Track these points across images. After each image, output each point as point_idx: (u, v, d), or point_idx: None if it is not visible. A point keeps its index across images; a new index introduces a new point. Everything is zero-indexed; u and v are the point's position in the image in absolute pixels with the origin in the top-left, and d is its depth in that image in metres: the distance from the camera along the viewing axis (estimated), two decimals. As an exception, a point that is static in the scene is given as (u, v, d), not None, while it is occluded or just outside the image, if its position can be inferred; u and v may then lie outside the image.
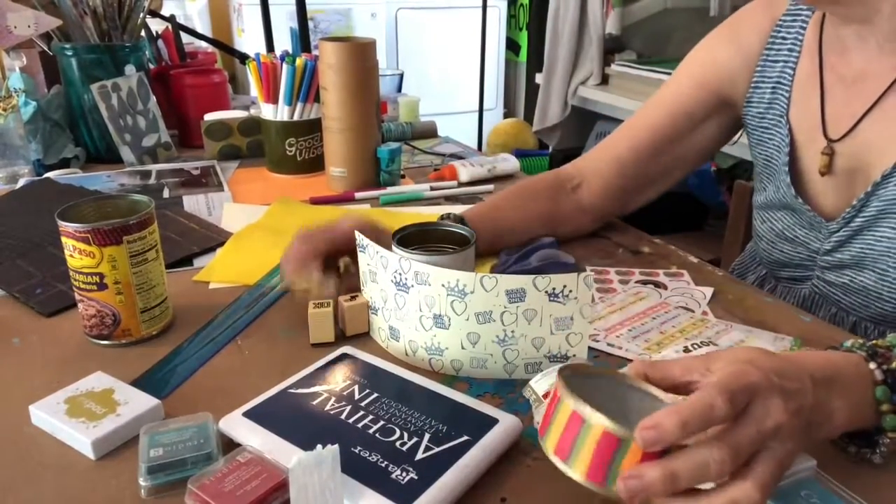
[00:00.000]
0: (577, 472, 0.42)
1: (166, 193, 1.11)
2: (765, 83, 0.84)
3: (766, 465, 0.42)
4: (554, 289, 0.60)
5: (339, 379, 0.60)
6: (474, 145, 2.80)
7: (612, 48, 2.52)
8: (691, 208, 2.44)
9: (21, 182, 1.13)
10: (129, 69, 1.25)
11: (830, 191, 0.80)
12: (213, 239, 0.92)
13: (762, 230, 0.90)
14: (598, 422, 0.41)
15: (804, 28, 0.82)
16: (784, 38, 0.83)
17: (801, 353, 0.48)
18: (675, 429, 0.40)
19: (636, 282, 0.82)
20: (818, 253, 0.82)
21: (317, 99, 1.16)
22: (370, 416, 0.55)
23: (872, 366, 0.49)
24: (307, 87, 1.16)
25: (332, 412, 0.55)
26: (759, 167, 0.90)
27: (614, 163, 0.94)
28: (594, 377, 0.48)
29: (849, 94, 0.77)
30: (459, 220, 0.81)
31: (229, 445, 0.52)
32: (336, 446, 0.47)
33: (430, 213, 0.99)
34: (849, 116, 0.77)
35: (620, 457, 0.41)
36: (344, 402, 0.56)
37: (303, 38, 1.69)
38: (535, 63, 2.97)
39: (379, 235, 0.69)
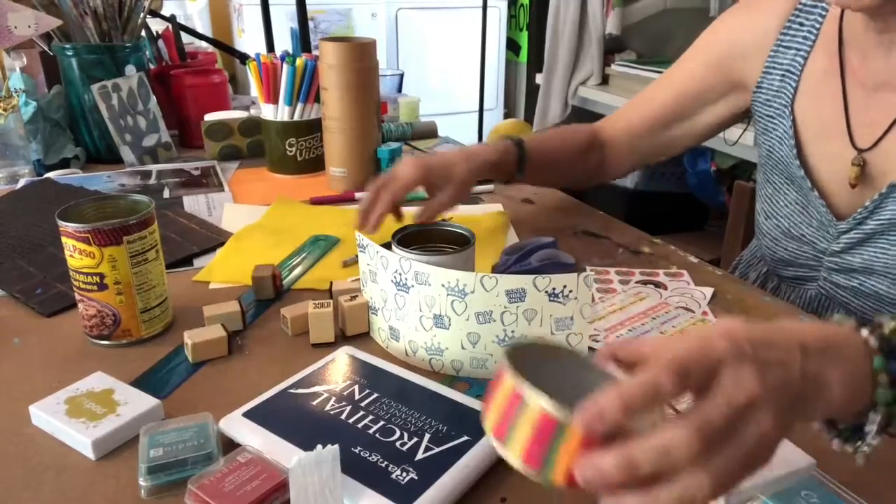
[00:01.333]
0: (513, 455, 0.38)
1: (166, 194, 1.11)
2: (775, 69, 0.83)
3: (729, 453, 0.37)
4: (554, 289, 0.60)
5: (339, 379, 0.60)
6: (474, 145, 2.79)
7: (612, 48, 2.52)
8: (691, 208, 2.44)
9: (21, 182, 1.13)
10: (130, 69, 1.25)
11: (841, 193, 0.78)
12: (213, 239, 0.92)
13: (766, 227, 0.89)
14: (536, 402, 0.37)
15: (822, 18, 0.79)
16: (801, 25, 0.81)
17: (788, 323, 0.42)
18: (615, 409, 0.36)
19: (636, 282, 0.82)
20: (825, 253, 0.81)
21: (317, 99, 1.16)
22: (370, 417, 0.55)
23: (865, 332, 0.44)
24: (307, 88, 1.16)
25: (332, 412, 0.55)
26: (763, 158, 0.88)
27: (627, 135, 1.01)
28: (557, 359, 0.44)
29: (869, 100, 0.75)
30: (519, 141, 0.92)
31: (229, 445, 0.52)
32: (336, 446, 0.48)
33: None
34: (867, 124, 0.75)
35: (559, 442, 0.37)
36: (344, 403, 0.56)
37: (303, 38, 1.68)
38: (536, 63, 2.96)
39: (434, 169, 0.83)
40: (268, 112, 1.19)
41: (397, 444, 0.52)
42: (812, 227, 0.82)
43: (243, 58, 1.57)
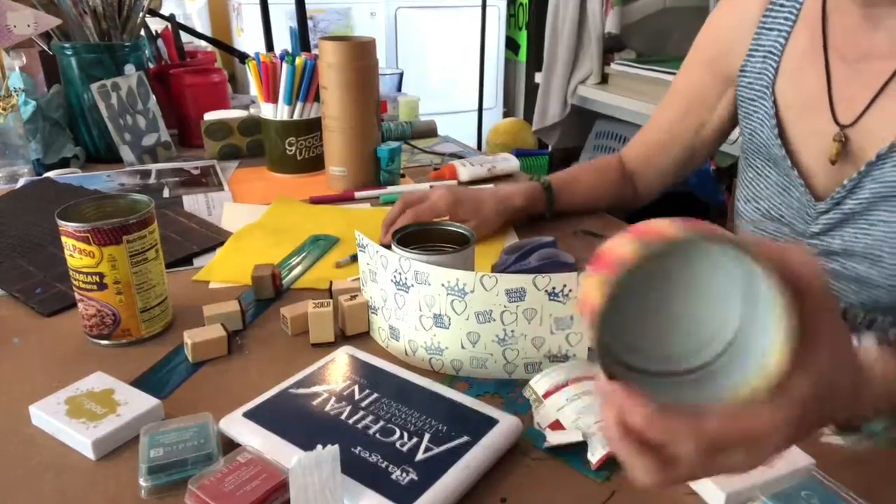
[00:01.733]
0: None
1: (166, 193, 1.11)
2: (758, 52, 0.83)
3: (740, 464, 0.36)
4: (554, 288, 0.60)
5: (339, 379, 0.60)
6: (474, 145, 2.80)
7: (611, 47, 2.52)
8: (691, 207, 2.44)
9: (21, 182, 1.13)
10: (129, 68, 1.25)
11: (822, 172, 0.78)
12: (213, 239, 0.92)
13: (745, 210, 0.89)
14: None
15: None
16: (782, 6, 0.82)
17: (873, 374, 0.41)
18: (656, 432, 0.35)
19: (636, 281, 0.82)
20: (804, 236, 0.81)
21: (317, 98, 1.16)
22: (370, 417, 0.55)
23: None
24: (307, 87, 1.16)
25: (332, 412, 0.55)
26: (746, 143, 0.89)
27: (649, 159, 1.02)
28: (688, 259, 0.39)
29: (851, 74, 0.75)
30: (548, 185, 0.98)
31: (229, 445, 0.52)
32: (336, 446, 0.48)
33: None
34: (848, 98, 0.75)
35: None
36: (344, 403, 0.56)
37: (302, 37, 1.68)
38: (535, 62, 2.96)
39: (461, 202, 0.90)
40: (267, 111, 1.19)
41: (397, 444, 0.52)
42: (792, 209, 0.82)
43: (242, 57, 1.57)
